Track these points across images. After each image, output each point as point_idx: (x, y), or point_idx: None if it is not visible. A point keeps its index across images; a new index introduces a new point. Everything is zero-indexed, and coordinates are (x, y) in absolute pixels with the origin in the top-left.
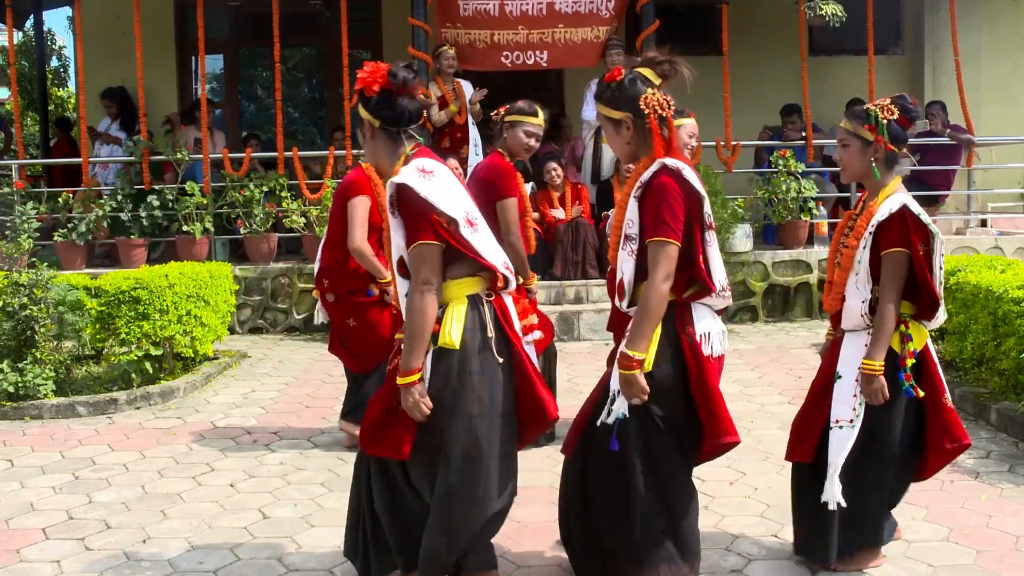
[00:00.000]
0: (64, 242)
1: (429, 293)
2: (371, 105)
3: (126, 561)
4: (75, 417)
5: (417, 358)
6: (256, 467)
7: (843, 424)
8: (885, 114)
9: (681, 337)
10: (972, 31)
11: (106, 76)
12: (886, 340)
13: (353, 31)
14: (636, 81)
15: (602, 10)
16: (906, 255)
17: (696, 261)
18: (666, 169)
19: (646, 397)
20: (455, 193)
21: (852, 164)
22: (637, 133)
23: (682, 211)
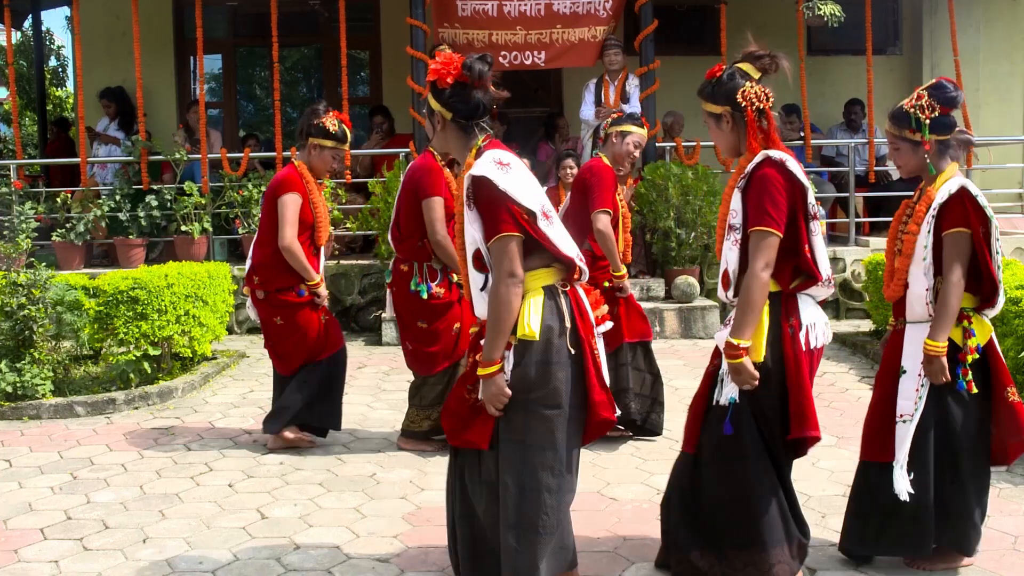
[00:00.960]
0: (62, 242)
1: (515, 285)
2: (444, 97)
3: (124, 561)
4: (73, 417)
5: (499, 349)
6: (254, 467)
7: (906, 418)
8: (927, 113)
9: (784, 328)
10: (970, 31)
11: (104, 76)
12: (949, 321)
13: (351, 31)
14: (735, 76)
15: (599, 10)
16: (967, 235)
17: (802, 250)
18: (769, 160)
19: (756, 383)
20: (532, 186)
21: (907, 164)
22: (737, 127)
23: (785, 202)
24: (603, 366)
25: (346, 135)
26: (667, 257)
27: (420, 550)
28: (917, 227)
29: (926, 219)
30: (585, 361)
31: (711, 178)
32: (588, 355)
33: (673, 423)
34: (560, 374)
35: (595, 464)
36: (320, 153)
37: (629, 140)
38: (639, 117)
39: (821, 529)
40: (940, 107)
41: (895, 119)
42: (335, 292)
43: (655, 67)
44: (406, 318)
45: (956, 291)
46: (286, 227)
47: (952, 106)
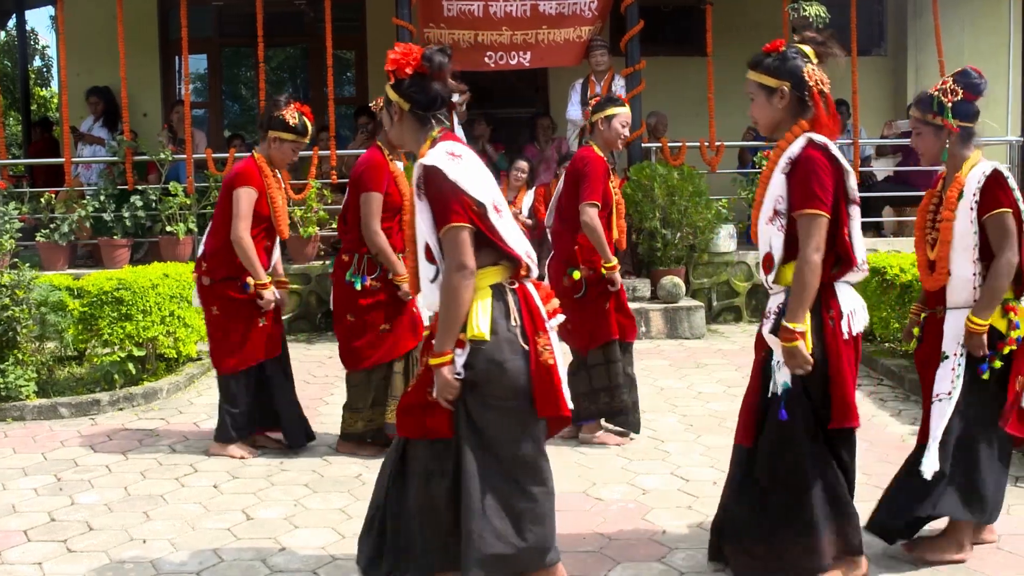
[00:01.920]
0: (46, 242)
1: (466, 277)
2: (402, 88)
3: (109, 563)
4: (57, 418)
5: (449, 340)
6: (239, 468)
7: (942, 397)
8: (949, 97)
9: (824, 319)
10: (955, 32)
11: (89, 76)
12: (996, 301)
13: (337, 31)
14: (798, 55)
15: (585, 11)
16: (1010, 214)
17: (841, 235)
18: (814, 143)
19: (810, 367)
20: (483, 178)
21: (928, 150)
22: (790, 104)
23: (831, 183)
24: (558, 362)
25: (307, 128)
26: (653, 257)
27: None
28: (951, 213)
29: (962, 205)
30: (530, 359)
31: (696, 178)
32: (533, 353)
33: (658, 423)
34: (512, 371)
35: (580, 464)
36: (280, 146)
37: (615, 122)
38: (617, 95)
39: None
40: (964, 92)
41: (919, 103)
42: (320, 293)
43: (641, 67)
44: (337, 310)
45: (1009, 271)
46: (239, 221)
47: (976, 93)
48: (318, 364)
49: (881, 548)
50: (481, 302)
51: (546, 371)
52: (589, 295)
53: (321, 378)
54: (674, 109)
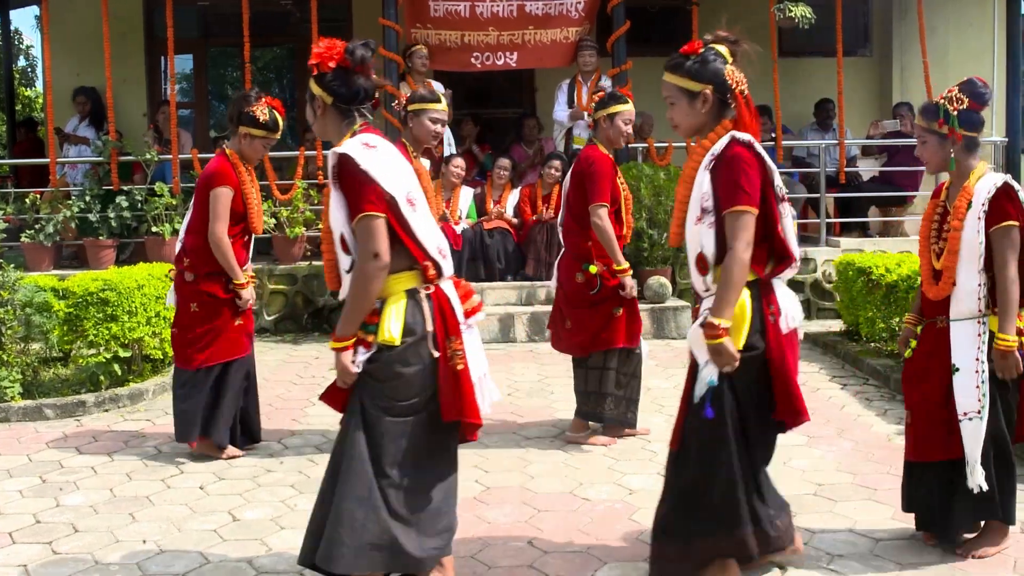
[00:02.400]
0: (31, 243)
1: (377, 267)
2: (325, 81)
3: (94, 565)
4: (42, 420)
5: (352, 327)
6: (226, 469)
7: (972, 416)
8: (955, 105)
9: (766, 315)
10: (940, 33)
11: (74, 76)
12: (1015, 314)
13: (323, 31)
14: (717, 57)
15: (572, 11)
16: (1018, 228)
17: (776, 232)
18: (738, 140)
19: (737, 363)
20: (397, 170)
21: (933, 158)
22: (714, 107)
23: (758, 180)
24: (473, 364)
25: (277, 123)
26: (639, 258)
27: None
28: (960, 223)
29: (970, 215)
30: (440, 365)
31: None
32: (443, 358)
33: (645, 423)
34: (417, 377)
35: (567, 464)
36: (251, 142)
37: (619, 119)
38: (620, 92)
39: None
40: (969, 101)
41: (925, 112)
42: (307, 293)
43: (627, 68)
44: None
45: (1015, 284)
46: (217, 223)
47: (981, 102)
48: (304, 365)
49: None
50: (395, 307)
51: (454, 376)
52: (602, 293)
53: (308, 379)
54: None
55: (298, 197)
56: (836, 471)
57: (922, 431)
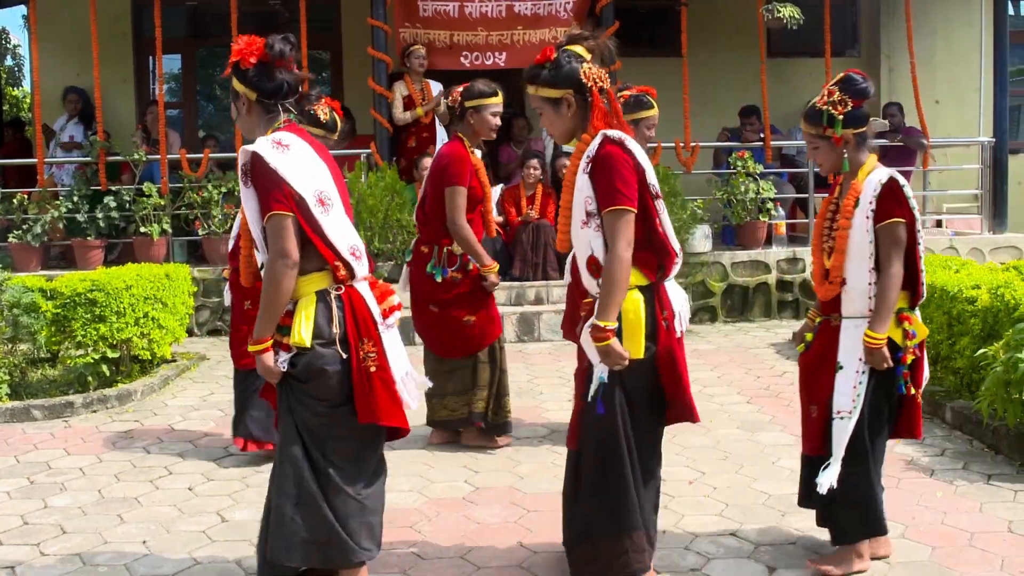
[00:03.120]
0: (19, 243)
1: (286, 265)
2: (247, 77)
3: (82, 566)
4: (30, 421)
5: (268, 328)
6: (214, 470)
7: (844, 415)
8: (840, 108)
9: (659, 321)
10: (927, 34)
11: (62, 76)
12: (889, 313)
13: (312, 31)
14: (572, 58)
15: (560, 12)
16: (903, 224)
17: (655, 227)
18: (609, 139)
19: (626, 362)
20: (309, 169)
21: (826, 162)
22: (579, 110)
23: (633, 177)
24: (393, 365)
25: (336, 124)
26: None
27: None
28: (848, 221)
29: (858, 213)
30: (352, 366)
31: (672, 179)
32: (355, 360)
33: None
34: (331, 379)
35: (556, 465)
36: None
37: (642, 125)
38: (646, 97)
39: (781, 527)
40: (852, 100)
41: (809, 118)
42: None
43: (616, 68)
44: (419, 299)
45: (896, 282)
46: None
47: (863, 97)
48: None
49: None
50: (305, 310)
51: (367, 379)
52: None
53: None
54: None
55: None
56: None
57: (814, 426)
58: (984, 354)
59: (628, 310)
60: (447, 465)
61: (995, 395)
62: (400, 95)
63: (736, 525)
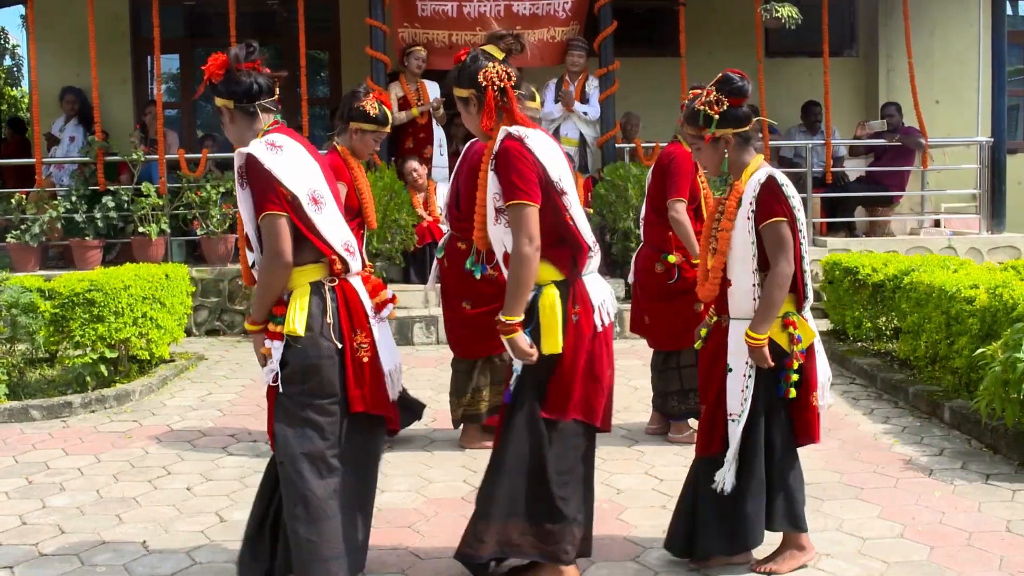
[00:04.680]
0: (17, 244)
1: (277, 265)
2: (220, 88)
3: (81, 566)
4: (28, 421)
5: (260, 314)
6: (213, 470)
7: (734, 417)
8: (716, 108)
9: (569, 316)
10: (924, 34)
11: (60, 75)
12: (773, 313)
13: (310, 31)
14: (478, 58)
15: (559, 12)
16: (785, 223)
17: (564, 221)
18: (509, 135)
19: (534, 357)
20: (302, 169)
21: (708, 162)
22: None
23: (532, 172)
24: (382, 355)
25: (387, 117)
26: (627, 257)
27: (380, 552)
28: (730, 223)
29: (740, 213)
30: (345, 357)
31: None
32: (348, 350)
33: (633, 423)
34: (326, 368)
35: None
36: (362, 137)
37: None
38: None
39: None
40: (729, 99)
41: (688, 119)
42: None
43: (615, 68)
44: (452, 297)
45: (783, 282)
46: None
47: (741, 96)
48: None
49: (848, 543)
50: (299, 300)
51: (360, 368)
52: (680, 285)
53: None
54: (647, 109)
55: None
56: (822, 470)
57: (702, 426)
58: (982, 354)
59: (544, 306)
60: (446, 465)
61: (993, 394)
62: (395, 96)
63: None
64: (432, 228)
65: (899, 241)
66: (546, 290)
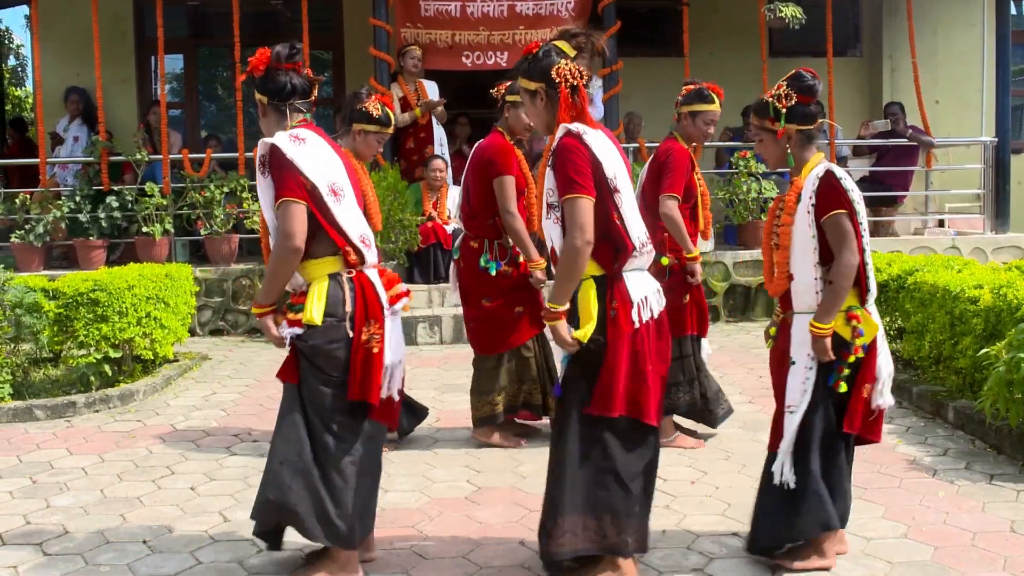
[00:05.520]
0: (21, 243)
1: (288, 248)
2: (258, 83)
3: (85, 566)
4: (32, 420)
5: (268, 297)
6: (217, 470)
7: (792, 409)
8: (784, 103)
9: (607, 311)
10: (928, 34)
11: (64, 75)
12: (838, 305)
13: (314, 31)
14: (551, 53)
15: (562, 12)
16: (846, 215)
17: (612, 220)
18: (568, 132)
19: (573, 348)
20: (323, 161)
21: (770, 154)
22: (551, 104)
23: (588, 167)
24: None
25: (390, 118)
26: None
27: (383, 551)
28: (791, 218)
29: (799, 209)
30: (354, 344)
31: None
32: (357, 340)
33: None
34: (336, 354)
35: None
36: (365, 138)
37: (700, 119)
38: (708, 91)
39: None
40: (798, 96)
41: (756, 110)
42: None
43: (618, 68)
44: (472, 295)
45: (848, 272)
46: None
47: (810, 95)
48: None
49: (852, 543)
50: (318, 290)
51: (366, 357)
52: (671, 281)
53: None
54: (651, 109)
55: None
56: None
57: (774, 422)
58: (987, 354)
59: (582, 299)
60: (449, 465)
61: (998, 395)
62: (396, 97)
63: (739, 525)
64: (437, 229)
65: (903, 241)
66: (584, 284)
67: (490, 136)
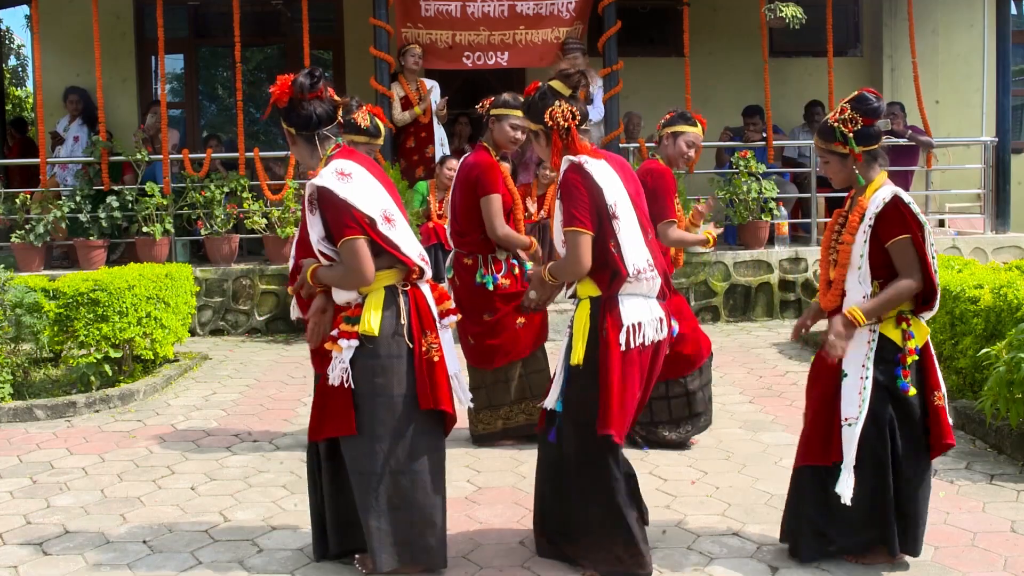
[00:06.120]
0: (21, 243)
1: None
2: (283, 115)
3: (85, 566)
4: (33, 420)
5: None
6: (217, 470)
7: (851, 421)
8: (850, 126)
9: (599, 330)
10: (928, 34)
11: (64, 75)
12: (885, 308)
13: (314, 31)
14: (547, 96)
15: (563, 12)
16: (909, 240)
17: (607, 248)
18: (571, 165)
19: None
20: (372, 192)
21: (837, 176)
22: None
23: (587, 200)
24: (447, 358)
25: (379, 129)
26: None
27: None
28: (852, 237)
29: (861, 228)
30: (415, 356)
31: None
32: (418, 350)
33: None
34: (397, 365)
35: None
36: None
37: (682, 140)
38: (691, 115)
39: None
40: (863, 119)
41: (822, 134)
42: None
43: (618, 68)
44: (471, 312)
45: (906, 293)
46: None
47: (874, 117)
48: (295, 365)
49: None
50: (374, 302)
51: (429, 367)
52: None
53: (299, 379)
54: (651, 109)
55: (289, 197)
56: None
57: (808, 433)
58: (987, 354)
59: (577, 318)
60: (450, 465)
61: (998, 395)
62: (397, 96)
63: (739, 525)
64: (438, 229)
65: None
66: (580, 304)
67: (475, 152)
